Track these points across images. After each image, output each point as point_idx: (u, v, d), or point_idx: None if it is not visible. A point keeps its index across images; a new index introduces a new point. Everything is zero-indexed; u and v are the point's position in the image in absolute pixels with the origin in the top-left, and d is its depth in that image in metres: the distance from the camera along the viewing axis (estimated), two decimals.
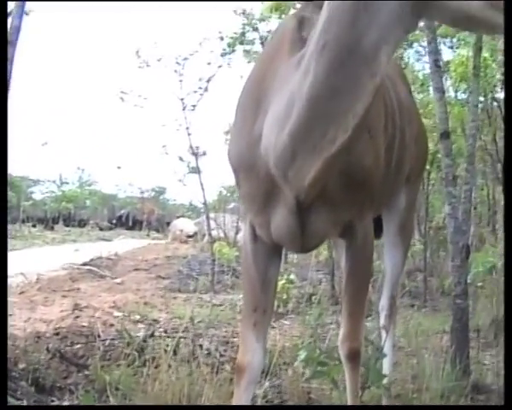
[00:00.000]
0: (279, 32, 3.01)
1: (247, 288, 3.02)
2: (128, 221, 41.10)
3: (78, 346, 5.41)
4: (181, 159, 12.23)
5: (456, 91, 11.77)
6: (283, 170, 2.40)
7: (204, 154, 11.29)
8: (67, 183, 46.97)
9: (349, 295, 3.07)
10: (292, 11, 10.62)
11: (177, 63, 10.64)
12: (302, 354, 3.24)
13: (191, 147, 10.99)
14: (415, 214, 4.58)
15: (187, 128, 10.78)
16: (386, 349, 3.95)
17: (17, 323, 6.30)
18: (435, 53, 4.71)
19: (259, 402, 4.12)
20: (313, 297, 7.64)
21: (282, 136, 2.32)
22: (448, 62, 11.88)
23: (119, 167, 51.78)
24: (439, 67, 4.73)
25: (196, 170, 11.07)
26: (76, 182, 47.66)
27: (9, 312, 7.10)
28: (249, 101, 2.77)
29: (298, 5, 10.89)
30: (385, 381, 3.64)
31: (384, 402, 3.82)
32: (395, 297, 4.09)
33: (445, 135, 4.66)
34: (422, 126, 4.24)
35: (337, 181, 2.64)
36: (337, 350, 3.34)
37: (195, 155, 10.80)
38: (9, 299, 7.77)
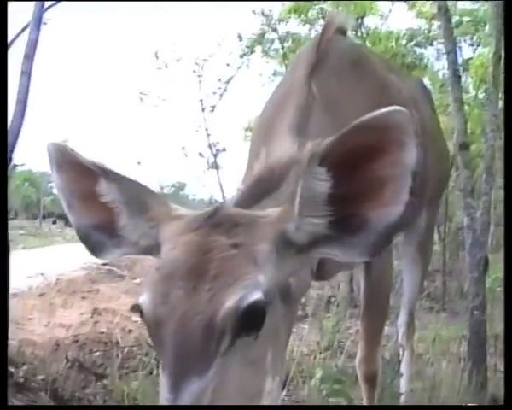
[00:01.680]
0: (291, 72, 2.99)
1: None
2: None
3: (97, 354, 5.46)
4: (201, 155, 12.23)
5: (476, 92, 11.65)
6: None
7: (224, 150, 11.29)
8: None
9: (366, 324, 3.13)
10: (310, 13, 10.62)
11: (196, 64, 10.66)
12: (318, 373, 3.25)
13: (210, 147, 11.00)
14: (433, 234, 4.56)
15: (206, 129, 10.79)
16: (404, 367, 3.96)
17: (37, 328, 6.36)
18: (454, 63, 4.66)
19: None
20: (332, 299, 7.62)
21: None
22: (468, 61, 11.78)
23: (138, 163, 51.79)
24: (458, 77, 4.69)
25: (215, 166, 11.08)
26: None
27: (29, 315, 7.20)
28: (256, 143, 2.75)
29: (316, 6, 10.91)
30: (401, 399, 3.65)
31: None
32: (413, 314, 4.09)
33: (464, 146, 4.62)
34: (445, 146, 4.22)
35: None
36: (354, 358, 3.36)
37: (215, 156, 10.81)
38: (29, 301, 7.88)
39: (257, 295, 1.43)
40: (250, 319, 1.42)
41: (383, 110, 1.42)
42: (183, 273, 1.46)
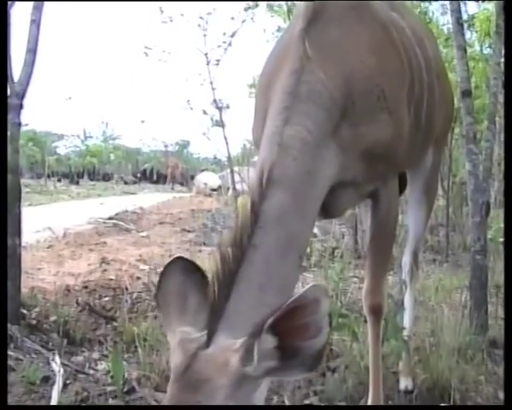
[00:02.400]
0: (291, 26, 3.08)
1: None
2: (152, 175, 41.34)
3: (107, 299, 5.59)
4: (205, 112, 12.23)
5: (481, 46, 11.63)
6: None
7: (227, 107, 11.31)
8: (91, 137, 47.19)
9: (373, 255, 3.24)
10: None
11: (201, 18, 10.64)
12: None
13: (215, 101, 11.02)
14: (439, 173, 4.65)
15: (211, 83, 10.81)
16: (407, 304, 4.08)
17: (46, 277, 6.48)
18: (457, 11, 4.72)
19: None
20: (336, 251, 7.71)
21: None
22: (473, 17, 11.74)
23: (142, 121, 51.71)
24: (461, 25, 4.74)
25: (220, 123, 11.11)
26: (100, 136, 47.84)
27: (38, 266, 7.33)
28: (258, 102, 2.96)
29: None
30: (404, 333, 3.77)
31: (403, 355, 3.94)
32: (417, 253, 4.19)
33: (467, 93, 4.70)
34: (450, 84, 4.27)
35: (359, 162, 2.78)
36: (358, 303, 3.48)
37: (219, 108, 10.83)
38: (37, 253, 8.00)
39: None
40: None
41: (302, 293, 1.82)
42: None
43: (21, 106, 4.88)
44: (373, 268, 3.22)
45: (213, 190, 24.88)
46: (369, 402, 3.38)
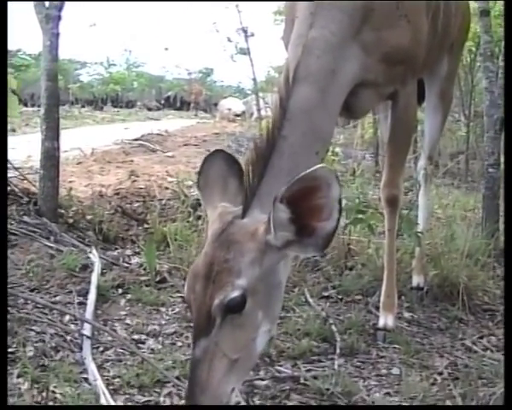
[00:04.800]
0: None
1: None
2: (176, 102, 41.32)
3: (137, 204, 5.89)
4: (229, 39, 12.29)
5: None
6: None
7: (252, 35, 11.35)
8: (115, 65, 47.07)
9: (391, 149, 3.54)
10: None
11: None
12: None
13: (241, 23, 11.04)
14: (454, 84, 4.82)
15: (236, 6, 10.84)
16: (421, 204, 4.34)
17: (78, 187, 6.72)
18: None
19: None
20: (357, 171, 7.89)
21: None
22: None
23: (166, 49, 51.44)
24: None
25: (244, 51, 11.16)
26: (123, 64, 47.74)
27: (69, 179, 7.61)
28: (287, 12, 3.34)
29: None
30: (419, 229, 4.03)
31: (416, 253, 4.21)
32: (433, 158, 4.43)
33: (485, 13, 4.91)
34: None
35: (380, 64, 3.07)
36: (375, 201, 3.75)
37: (245, 32, 10.89)
38: (68, 168, 8.27)
39: (234, 295, 2.22)
40: (231, 308, 2.23)
41: (312, 169, 2.13)
42: (201, 276, 2.29)
43: (59, 17, 5.12)
44: (391, 162, 3.51)
45: (237, 115, 24.98)
46: (383, 294, 3.67)
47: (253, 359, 2.47)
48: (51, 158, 5.01)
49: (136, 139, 13.52)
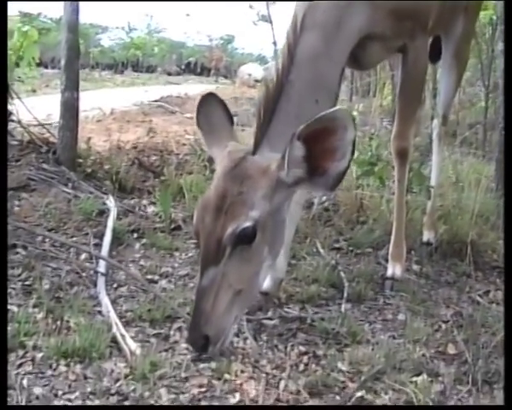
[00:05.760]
0: None
1: None
2: (196, 68, 41.25)
3: (155, 158, 5.95)
4: (251, 6, 12.23)
5: None
6: None
7: (273, 1, 11.28)
8: (136, 30, 46.90)
9: (401, 102, 3.59)
10: None
11: None
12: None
13: None
14: (470, 45, 4.82)
15: None
16: (434, 161, 4.38)
17: (96, 142, 6.80)
18: None
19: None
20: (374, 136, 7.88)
21: None
22: None
23: (187, 15, 51.36)
24: None
25: (265, 18, 11.10)
26: (144, 29, 47.56)
27: (88, 135, 7.68)
28: None
29: None
30: (432, 182, 4.07)
31: (428, 209, 4.26)
32: (447, 116, 4.45)
33: None
34: None
35: (388, 18, 3.14)
36: (384, 150, 3.80)
37: None
38: (87, 126, 8.35)
39: (246, 225, 2.33)
40: (242, 239, 2.34)
41: (332, 110, 2.27)
42: (212, 207, 2.38)
43: None
44: (401, 114, 3.56)
45: (257, 81, 24.88)
46: (392, 244, 3.74)
47: (255, 292, 2.60)
48: (70, 108, 5.08)
49: (155, 101, 13.57)
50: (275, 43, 11.34)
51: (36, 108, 5.87)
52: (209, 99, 2.74)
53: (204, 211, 2.40)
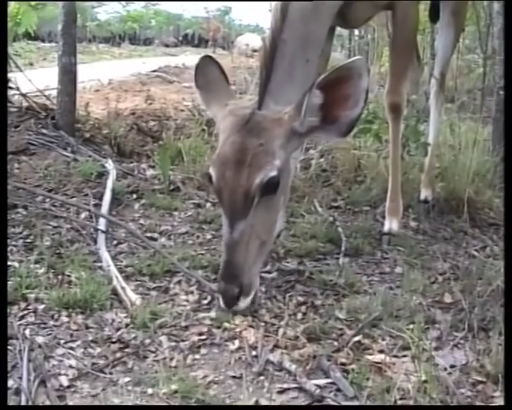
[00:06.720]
0: None
1: None
2: (193, 39, 41.09)
3: (153, 123, 5.97)
4: None
5: None
6: None
7: None
8: (133, 2, 46.62)
9: (393, 58, 3.66)
10: None
11: None
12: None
13: None
14: (468, 4, 4.82)
15: None
16: (432, 119, 4.39)
17: (95, 110, 6.79)
18: None
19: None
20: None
21: None
22: None
23: None
24: None
25: None
26: (141, 2, 47.28)
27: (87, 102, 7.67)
28: None
29: None
30: (430, 141, 4.07)
31: (425, 167, 4.28)
32: (445, 74, 4.45)
33: None
34: None
35: None
36: (383, 110, 3.82)
37: None
38: (85, 95, 8.33)
39: (273, 174, 2.48)
40: (269, 188, 2.48)
41: (351, 60, 2.50)
42: (232, 162, 2.49)
43: None
44: (393, 70, 3.62)
45: (255, 51, 24.78)
46: (388, 199, 3.77)
47: (272, 242, 2.82)
48: (68, 73, 5.09)
49: (153, 71, 13.54)
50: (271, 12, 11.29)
51: (34, 80, 5.87)
52: (206, 61, 2.90)
53: (224, 167, 2.50)
